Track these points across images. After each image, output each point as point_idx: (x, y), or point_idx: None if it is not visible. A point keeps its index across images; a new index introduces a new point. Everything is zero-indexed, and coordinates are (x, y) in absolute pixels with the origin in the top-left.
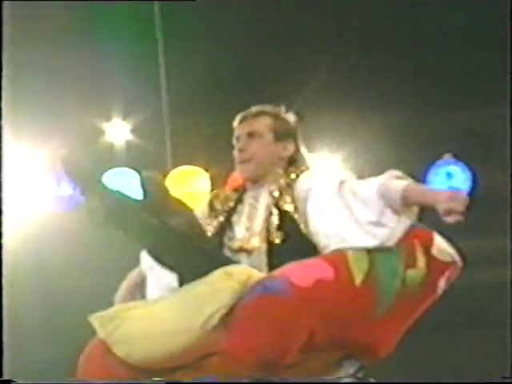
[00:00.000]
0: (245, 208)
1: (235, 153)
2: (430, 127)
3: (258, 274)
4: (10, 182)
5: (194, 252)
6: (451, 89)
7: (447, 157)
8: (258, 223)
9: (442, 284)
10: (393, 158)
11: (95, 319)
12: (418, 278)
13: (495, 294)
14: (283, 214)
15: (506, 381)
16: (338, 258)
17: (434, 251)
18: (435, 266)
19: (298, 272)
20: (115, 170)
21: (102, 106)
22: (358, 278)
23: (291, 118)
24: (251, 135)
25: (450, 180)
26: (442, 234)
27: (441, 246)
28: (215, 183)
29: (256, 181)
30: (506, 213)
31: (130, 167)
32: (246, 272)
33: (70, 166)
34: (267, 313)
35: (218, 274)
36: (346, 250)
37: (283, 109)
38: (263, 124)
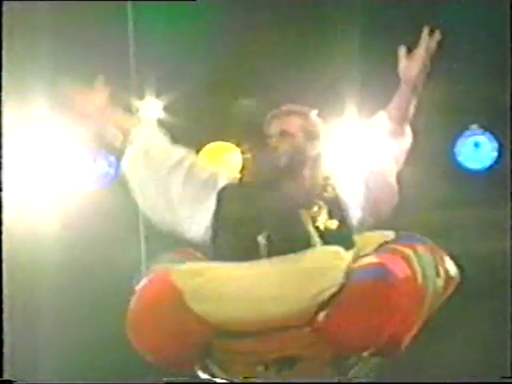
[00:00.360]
0: None
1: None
2: (459, 98)
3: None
4: (46, 159)
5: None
6: (479, 60)
7: (474, 127)
8: None
9: (446, 295)
10: (422, 129)
11: (177, 272)
12: (440, 285)
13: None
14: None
15: (506, 381)
16: (405, 256)
17: (447, 266)
18: (448, 279)
19: (394, 264)
20: None
21: (136, 85)
22: (419, 276)
23: (317, 118)
24: (283, 134)
25: (478, 149)
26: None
27: (449, 262)
28: (246, 158)
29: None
30: None
31: None
32: (348, 254)
33: None
34: (381, 297)
35: (323, 251)
36: (401, 248)
37: (310, 110)
38: (294, 124)
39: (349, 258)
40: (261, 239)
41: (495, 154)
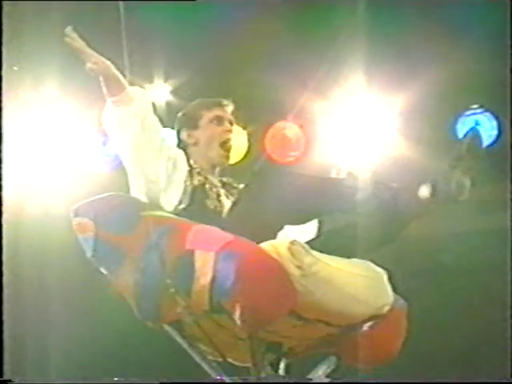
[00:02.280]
0: None
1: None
2: (459, 79)
3: None
4: (56, 142)
5: None
6: (479, 42)
7: (475, 107)
8: None
9: None
10: (423, 109)
11: (291, 244)
12: None
13: None
14: None
15: (506, 381)
16: None
17: None
18: None
19: None
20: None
21: (145, 70)
22: None
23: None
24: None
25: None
26: None
27: None
28: (252, 140)
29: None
30: None
31: (171, 127)
32: None
33: None
34: (404, 323)
35: (375, 267)
36: None
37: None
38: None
39: None
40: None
41: (495, 132)
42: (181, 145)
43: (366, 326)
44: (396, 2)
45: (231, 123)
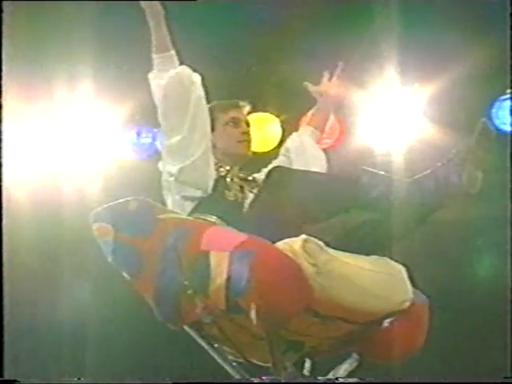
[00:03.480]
0: None
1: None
2: (494, 64)
3: None
4: (95, 132)
5: None
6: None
7: (510, 91)
8: None
9: None
10: (459, 94)
11: (305, 241)
12: None
13: None
14: None
15: (506, 381)
16: None
17: None
18: None
19: None
20: None
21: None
22: None
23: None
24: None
25: None
26: None
27: None
28: (286, 128)
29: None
30: None
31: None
32: None
33: None
34: (426, 319)
35: (395, 264)
36: None
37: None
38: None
39: None
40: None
41: None
42: None
43: (386, 323)
44: None
45: (248, 124)
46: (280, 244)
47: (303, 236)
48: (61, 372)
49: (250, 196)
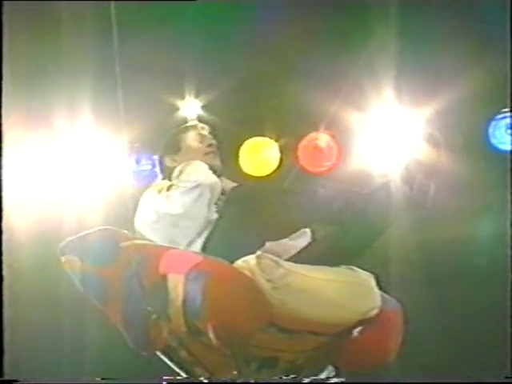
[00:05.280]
0: None
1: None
2: (491, 83)
3: None
4: (95, 160)
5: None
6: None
7: (507, 110)
8: None
9: None
10: (458, 113)
11: (259, 258)
12: None
13: None
14: None
15: (507, 381)
16: None
17: None
18: None
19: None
20: None
21: (177, 87)
22: None
23: None
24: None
25: (510, 131)
26: None
27: None
28: (284, 152)
29: None
30: None
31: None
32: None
33: None
34: (399, 326)
35: (362, 272)
36: None
37: None
38: None
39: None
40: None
41: None
42: (166, 171)
43: (356, 332)
44: (426, 8)
45: (210, 143)
46: (238, 262)
47: (258, 252)
48: (61, 372)
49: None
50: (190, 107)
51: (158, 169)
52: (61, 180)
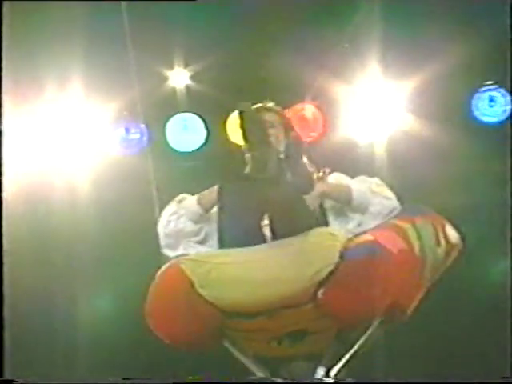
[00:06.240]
0: None
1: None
2: (475, 57)
3: (346, 236)
4: (85, 129)
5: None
6: (494, 23)
7: (490, 83)
8: None
9: (449, 262)
10: (442, 86)
11: (186, 261)
12: (442, 253)
13: None
14: None
15: (506, 381)
16: (400, 230)
17: (448, 234)
18: (449, 246)
19: (388, 240)
20: (180, 115)
21: (166, 57)
22: (417, 249)
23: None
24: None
25: (493, 103)
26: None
27: (450, 230)
28: None
29: None
30: None
31: (191, 111)
32: (343, 234)
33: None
34: (373, 272)
35: (320, 233)
36: (398, 222)
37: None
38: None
39: (344, 237)
40: (264, 223)
41: (509, 107)
42: None
43: (320, 294)
44: None
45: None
46: (173, 262)
47: (180, 258)
48: (59, 372)
49: None
50: (179, 77)
51: (145, 138)
52: (51, 148)
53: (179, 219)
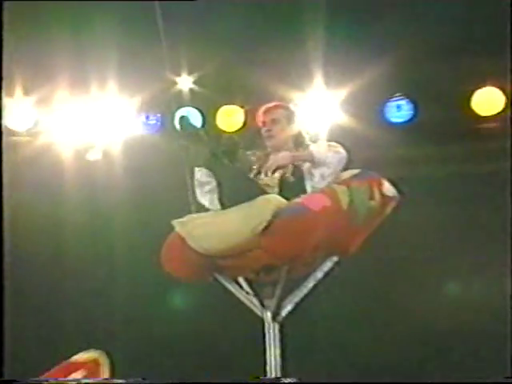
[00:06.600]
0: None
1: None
2: (388, 74)
3: (285, 201)
4: (119, 115)
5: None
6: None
7: (398, 95)
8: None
9: (388, 211)
10: (363, 95)
11: (177, 223)
12: (376, 206)
13: None
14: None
15: (507, 381)
16: (331, 191)
17: (384, 190)
18: (384, 199)
19: (312, 201)
20: (184, 108)
21: (175, 66)
22: (344, 204)
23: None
24: (274, 121)
25: (399, 110)
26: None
27: (387, 186)
28: (249, 117)
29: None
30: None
31: (192, 105)
32: (278, 199)
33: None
34: (297, 225)
35: (261, 199)
36: (334, 186)
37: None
38: (281, 113)
39: (279, 201)
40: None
41: (411, 112)
42: None
43: (261, 242)
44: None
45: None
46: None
47: (175, 221)
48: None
49: None
50: (184, 81)
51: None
52: (91, 130)
53: (199, 172)
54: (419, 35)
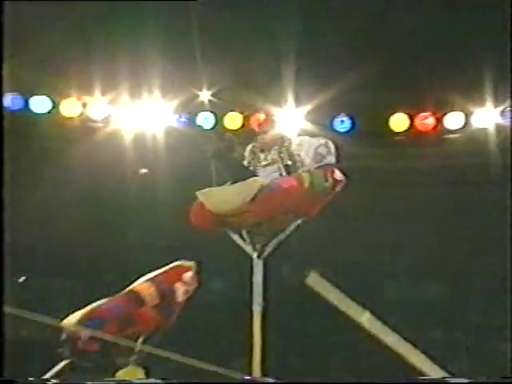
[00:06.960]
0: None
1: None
2: (334, 98)
3: (267, 181)
4: (159, 115)
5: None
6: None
7: (342, 114)
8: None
9: (338, 188)
10: (318, 111)
11: (199, 193)
12: (329, 185)
13: None
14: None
15: (506, 381)
16: (298, 175)
17: (335, 175)
18: (335, 182)
19: (284, 182)
20: (203, 113)
21: (198, 84)
22: (306, 184)
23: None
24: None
25: (342, 123)
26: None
27: (338, 173)
28: (246, 120)
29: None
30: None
31: (208, 110)
32: (262, 180)
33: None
34: (273, 197)
35: (251, 179)
36: (301, 172)
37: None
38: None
39: (264, 182)
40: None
41: (349, 125)
42: None
43: (249, 207)
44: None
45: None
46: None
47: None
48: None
49: None
50: (205, 95)
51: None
52: (137, 124)
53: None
54: (358, 74)
